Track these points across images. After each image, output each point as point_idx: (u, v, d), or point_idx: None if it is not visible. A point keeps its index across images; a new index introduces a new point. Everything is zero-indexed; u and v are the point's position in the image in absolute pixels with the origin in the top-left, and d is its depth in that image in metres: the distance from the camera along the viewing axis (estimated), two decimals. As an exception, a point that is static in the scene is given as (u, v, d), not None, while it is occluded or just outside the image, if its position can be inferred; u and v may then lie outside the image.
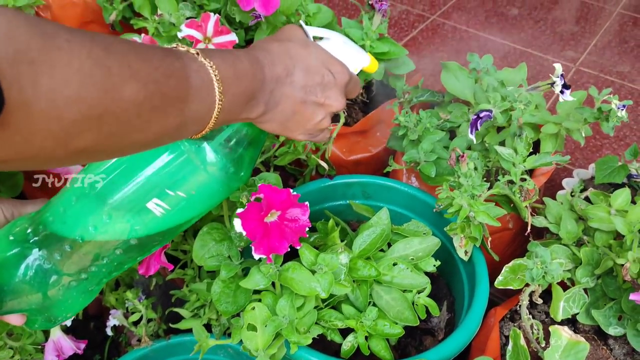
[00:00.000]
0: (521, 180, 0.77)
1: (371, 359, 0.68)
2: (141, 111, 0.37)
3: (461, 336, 0.67)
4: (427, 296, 0.71)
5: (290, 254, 0.65)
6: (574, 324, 0.76)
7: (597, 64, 1.65)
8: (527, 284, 0.70)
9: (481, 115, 0.77)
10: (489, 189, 0.75)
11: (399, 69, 0.96)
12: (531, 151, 0.78)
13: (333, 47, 0.56)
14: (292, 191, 0.58)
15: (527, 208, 0.78)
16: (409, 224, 0.80)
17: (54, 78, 0.31)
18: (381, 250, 0.74)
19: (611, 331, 0.71)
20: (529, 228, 0.78)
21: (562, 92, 0.81)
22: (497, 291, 0.73)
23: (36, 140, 0.32)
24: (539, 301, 0.72)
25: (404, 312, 0.68)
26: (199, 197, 0.53)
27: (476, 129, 0.77)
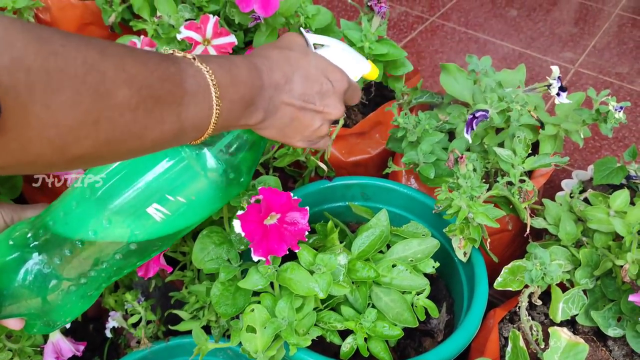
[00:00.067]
0: (520, 181, 0.77)
1: (370, 360, 0.68)
2: (136, 116, 0.37)
3: (460, 337, 0.67)
4: (427, 298, 0.71)
5: (289, 255, 0.65)
6: (573, 325, 0.76)
7: (596, 65, 1.65)
8: (527, 286, 0.70)
9: (477, 115, 0.77)
10: (488, 190, 0.75)
11: (398, 70, 0.96)
12: (530, 152, 0.78)
13: (333, 54, 0.56)
14: (292, 194, 0.58)
15: (526, 209, 0.78)
16: (408, 225, 0.80)
17: (50, 84, 0.31)
18: (380, 252, 0.74)
19: (610, 332, 0.71)
20: (528, 229, 0.78)
21: (558, 95, 0.81)
22: (496, 292, 0.73)
23: (34, 147, 0.33)
24: (538, 302, 0.72)
25: (403, 314, 0.68)
26: (199, 202, 0.53)
27: (472, 129, 0.78)
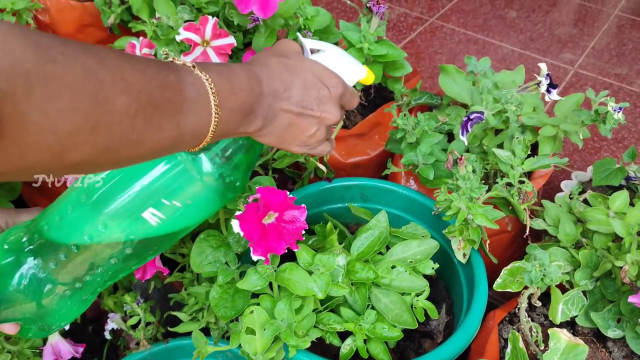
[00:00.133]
0: (519, 182, 0.77)
1: (370, 362, 0.68)
2: (135, 123, 0.37)
3: (460, 339, 0.67)
4: (426, 299, 0.71)
5: (288, 256, 0.65)
6: (572, 326, 0.76)
7: (595, 66, 1.65)
8: (526, 287, 0.70)
9: (471, 117, 0.77)
10: (487, 191, 0.76)
11: (397, 71, 0.96)
12: (529, 153, 0.78)
13: (329, 60, 0.56)
14: (288, 194, 0.58)
15: (525, 210, 0.78)
16: (407, 226, 0.80)
17: (48, 91, 0.31)
18: (379, 253, 0.74)
19: (610, 334, 0.71)
20: (527, 230, 0.78)
21: (548, 92, 0.81)
22: (495, 294, 0.73)
23: (32, 153, 0.33)
24: (538, 304, 0.72)
25: (403, 315, 0.68)
26: (194, 206, 0.53)
27: (467, 131, 0.78)
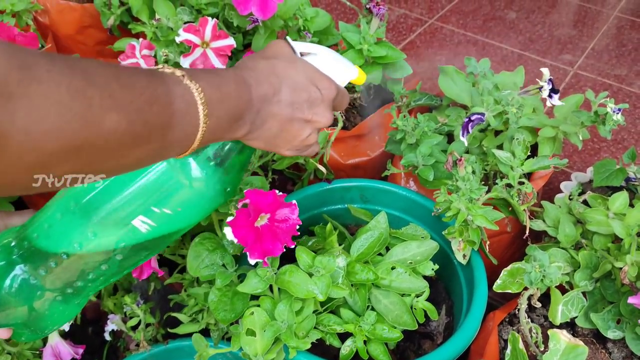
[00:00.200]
0: (519, 183, 0.77)
1: (370, 363, 0.68)
2: (122, 140, 0.36)
3: (460, 340, 0.67)
4: (426, 300, 0.71)
5: (288, 258, 0.65)
6: (572, 327, 0.76)
7: (594, 67, 1.66)
8: (526, 288, 0.70)
9: (472, 118, 0.77)
10: (487, 192, 0.76)
11: (397, 72, 0.96)
12: (529, 154, 0.78)
13: (320, 62, 0.56)
14: (278, 192, 0.58)
15: (525, 211, 0.78)
16: (407, 227, 0.80)
17: (32, 112, 0.31)
18: (379, 254, 0.74)
19: (610, 335, 0.71)
20: (527, 231, 0.78)
21: (550, 97, 0.81)
22: (495, 295, 0.73)
23: (10, 172, 0.32)
24: (538, 305, 0.72)
25: (403, 316, 0.68)
26: (185, 212, 0.52)
27: (468, 132, 0.78)
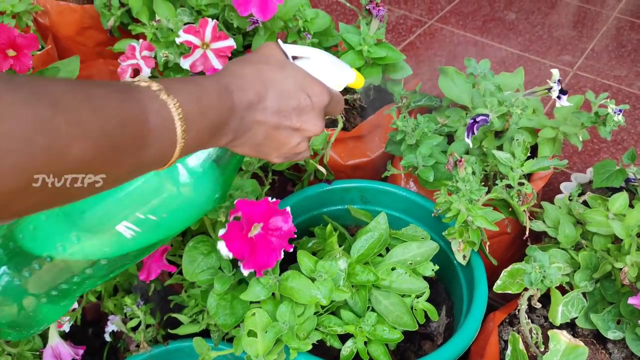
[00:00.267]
0: (519, 184, 0.77)
1: (370, 364, 0.68)
2: (91, 166, 0.34)
3: (460, 340, 0.67)
4: (426, 301, 0.71)
5: (289, 259, 0.65)
6: (572, 328, 0.76)
7: (594, 68, 1.66)
8: (526, 288, 0.70)
9: (477, 119, 0.77)
10: (487, 193, 0.76)
11: (396, 73, 0.96)
12: (529, 155, 0.78)
13: (314, 65, 0.54)
14: (270, 198, 0.56)
15: (525, 212, 0.78)
16: (407, 228, 0.80)
17: None
18: (379, 255, 0.74)
19: (610, 335, 0.71)
20: (527, 232, 0.78)
21: (559, 98, 0.81)
22: (495, 295, 0.73)
23: None
24: (538, 305, 0.72)
25: (403, 317, 0.68)
26: (171, 219, 0.51)
27: (473, 134, 0.78)
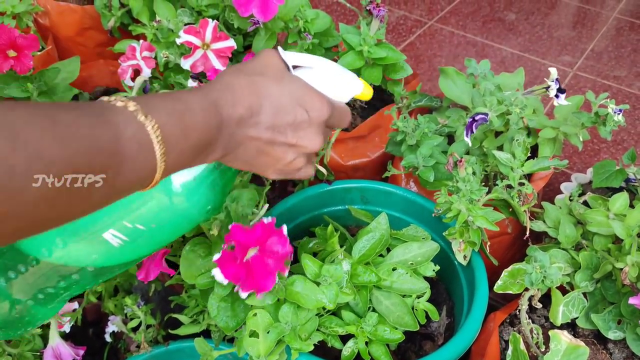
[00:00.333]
0: (519, 184, 0.77)
1: (371, 364, 0.68)
2: (56, 203, 0.32)
3: (461, 341, 0.67)
4: (427, 301, 0.71)
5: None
6: (573, 328, 0.76)
7: (594, 68, 1.66)
8: (527, 289, 0.70)
9: (477, 118, 0.77)
10: (487, 193, 0.76)
11: (397, 74, 0.96)
12: (529, 155, 0.78)
13: (316, 76, 0.50)
14: (266, 219, 0.54)
15: (525, 212, 0.78)
16: (407, 228, 0.80)
17: None
18: (380, 256, 0.74)
19: (611, 335, 0.71)
20: (527, 232, 0.78)
21: (557, 97, 0.81)
22: (496, 296, 0.73)
23: None
24: (539, 305, 0.72)
25: (404, 317, 0.68)
26: (160, 229, 0.49)
27: (472, 132, 0.78)
